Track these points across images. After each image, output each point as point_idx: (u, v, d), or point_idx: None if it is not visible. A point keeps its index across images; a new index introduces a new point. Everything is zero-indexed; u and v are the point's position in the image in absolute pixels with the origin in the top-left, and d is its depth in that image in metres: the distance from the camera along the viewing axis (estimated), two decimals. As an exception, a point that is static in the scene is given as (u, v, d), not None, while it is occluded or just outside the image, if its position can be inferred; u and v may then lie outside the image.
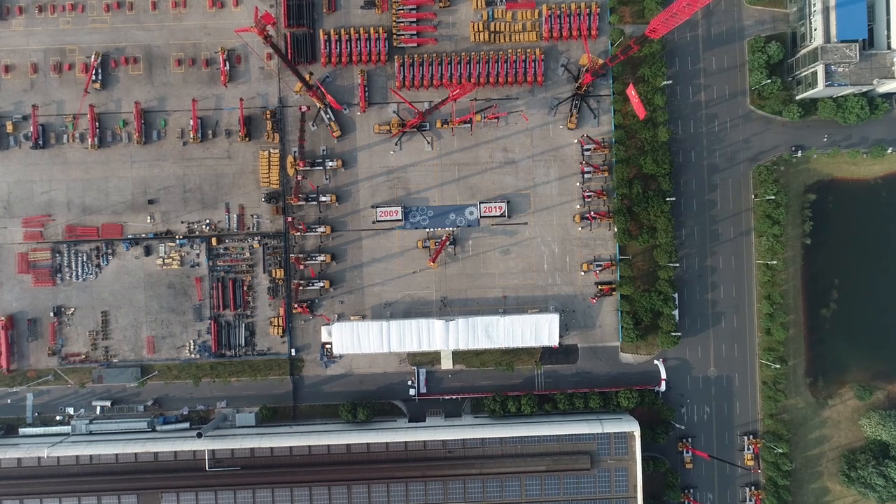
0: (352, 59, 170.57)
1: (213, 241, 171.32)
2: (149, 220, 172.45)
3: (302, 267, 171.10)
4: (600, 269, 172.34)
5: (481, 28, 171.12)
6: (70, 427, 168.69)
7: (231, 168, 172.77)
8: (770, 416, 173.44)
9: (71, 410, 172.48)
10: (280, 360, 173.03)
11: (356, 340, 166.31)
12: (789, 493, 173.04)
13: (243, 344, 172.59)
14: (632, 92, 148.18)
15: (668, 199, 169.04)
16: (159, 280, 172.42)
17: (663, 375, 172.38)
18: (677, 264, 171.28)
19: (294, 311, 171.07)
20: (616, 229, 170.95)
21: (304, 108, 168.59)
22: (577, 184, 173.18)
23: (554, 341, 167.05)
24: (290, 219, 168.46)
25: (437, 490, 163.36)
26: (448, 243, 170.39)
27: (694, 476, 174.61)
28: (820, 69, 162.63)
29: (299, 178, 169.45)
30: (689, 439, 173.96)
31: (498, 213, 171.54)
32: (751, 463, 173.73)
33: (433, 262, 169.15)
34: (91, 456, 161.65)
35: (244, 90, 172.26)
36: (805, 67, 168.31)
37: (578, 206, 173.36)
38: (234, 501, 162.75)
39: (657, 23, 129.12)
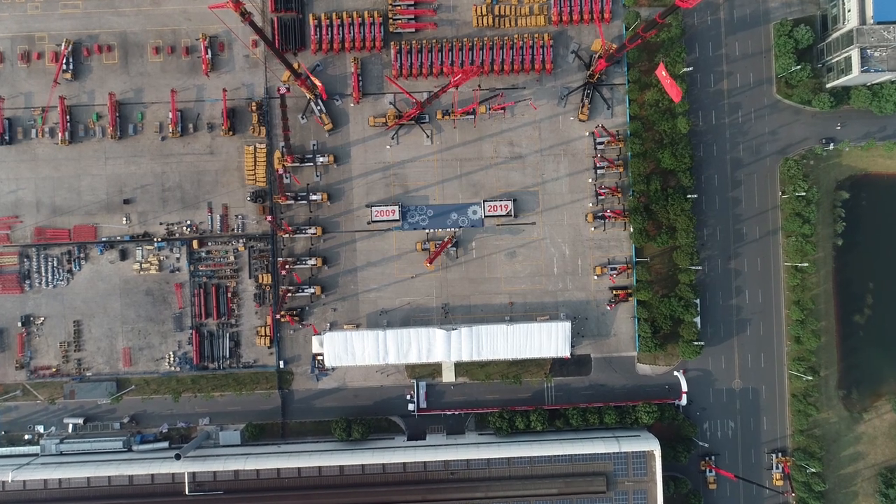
0: (344, 45, 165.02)
1: (195, 243, 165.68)
2: (125, 222, 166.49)
3: (285, 272, 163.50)
4: (615, 272, 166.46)
5: (485, 12, 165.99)
6: (39, 447, 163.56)
7: (214, 164, 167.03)
8: (800, 432, 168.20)
9: (41, 429, 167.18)
10: (267, 372, 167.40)
11: (350, 351, 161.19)
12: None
13: (227, 355, 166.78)
14: (662, 73, 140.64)
15: (688, 196, 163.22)
16: (136, 286, 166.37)
17: (684, 388, 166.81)
18: (699, 267, 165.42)
19: (281, 321, 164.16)
20: (632, 229, 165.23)
21: (282, 90, 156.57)
22: (590, 180, 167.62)
23: (565, 351, 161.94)
24: (269, 218, 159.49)
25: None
26: (450, 245, 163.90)
27: (718, 498, 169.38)
28: (855, 54, 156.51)
29: (281, 172, 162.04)
30: (713, 458, 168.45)
31: (503, 213, 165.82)
32: (780, 483, 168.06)
33: (430, 262, 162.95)
34: (60, 479, 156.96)
35: (228, 80, 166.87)
36: (837, 52, 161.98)
37: (591, 205, 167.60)
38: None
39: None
